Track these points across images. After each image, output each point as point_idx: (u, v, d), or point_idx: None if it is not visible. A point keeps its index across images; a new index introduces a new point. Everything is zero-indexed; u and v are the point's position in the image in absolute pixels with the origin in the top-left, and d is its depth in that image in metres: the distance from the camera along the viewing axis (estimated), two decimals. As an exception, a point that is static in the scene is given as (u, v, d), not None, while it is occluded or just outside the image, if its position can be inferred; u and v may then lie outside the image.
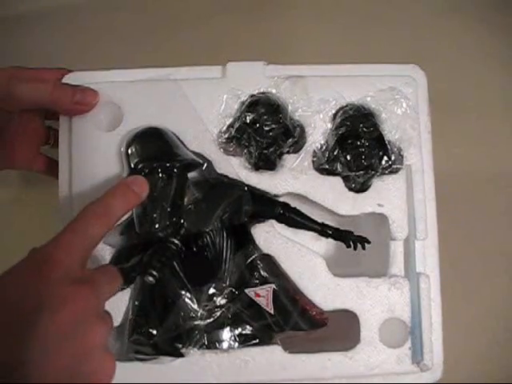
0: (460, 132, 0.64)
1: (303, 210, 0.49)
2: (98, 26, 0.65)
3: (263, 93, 0.49)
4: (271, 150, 0.48)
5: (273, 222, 0.48)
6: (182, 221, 0.45)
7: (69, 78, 0.49)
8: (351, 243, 0.48)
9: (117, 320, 0.46)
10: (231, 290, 0.47)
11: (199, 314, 0.46)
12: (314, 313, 0.48)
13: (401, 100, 0.49)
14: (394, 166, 0.49)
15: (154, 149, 0.46)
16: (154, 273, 0.43)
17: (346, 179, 0.49)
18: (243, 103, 0.48)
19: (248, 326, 0.47)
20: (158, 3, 0.66)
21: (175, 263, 0.46)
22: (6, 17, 0.64)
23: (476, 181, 0.63)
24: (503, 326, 0.61)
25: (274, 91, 0.49)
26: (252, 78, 0.49)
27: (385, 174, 0.49)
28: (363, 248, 0.48)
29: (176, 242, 0.45)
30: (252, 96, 0.48)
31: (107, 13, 0.65)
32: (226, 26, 0.64)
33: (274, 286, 0.47)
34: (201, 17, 0.65)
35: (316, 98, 0.49)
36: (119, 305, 0.46)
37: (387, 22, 0.65)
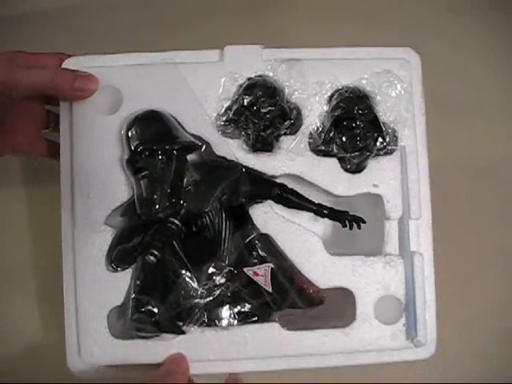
0: (460, 132, 0.64)
1: (300, 191, 0.49)
2: (98, 25, 0.65)
3: (260, 76, 0.49)
4: (268, 131, 0.48)
5: (270, 202, 0.49)
6: (181, 202, 0.46)
7: (69, 63, 0.49)
8: (347, 223, 0.49)
9: (119, 299, 0.47)
10: (230, 269, 0.48)
11: (199, 293, 0.47)
12: (311, 291, 0.49)
13: (395, 82, 0.50)
14: (389, 147, 0.50)
15: (153, 131, 0.47)
16: (156, 252, 0.44)
17: (341, 160, 0.50)
18: (241, 86, 0.49)
19: (247, 304, 0.48)
20: (158, 3, 0.66)
21: (175, 243, 0.47)
22: (6, 17, 0.64)
23: (472, 173, 0.64)
24: (498, 313, 0.62)
25: (270, 74, 0.50)
26: (249, 61, 0.50)
27: (380, 155, 0.50)
28: (359, 227, 0.49)
29: (176, 222, 0.46)
30: (249, 79, 0.49)
31: (107, 13, 0.65)
32: (225, 27, 0.64)
33: (271, 265, 0.48)
34: (201, 17, 0.65)
35: (312, 81, 0.50)
36: (121, 284, 0.48)
37: (387, 22, 0.65)
